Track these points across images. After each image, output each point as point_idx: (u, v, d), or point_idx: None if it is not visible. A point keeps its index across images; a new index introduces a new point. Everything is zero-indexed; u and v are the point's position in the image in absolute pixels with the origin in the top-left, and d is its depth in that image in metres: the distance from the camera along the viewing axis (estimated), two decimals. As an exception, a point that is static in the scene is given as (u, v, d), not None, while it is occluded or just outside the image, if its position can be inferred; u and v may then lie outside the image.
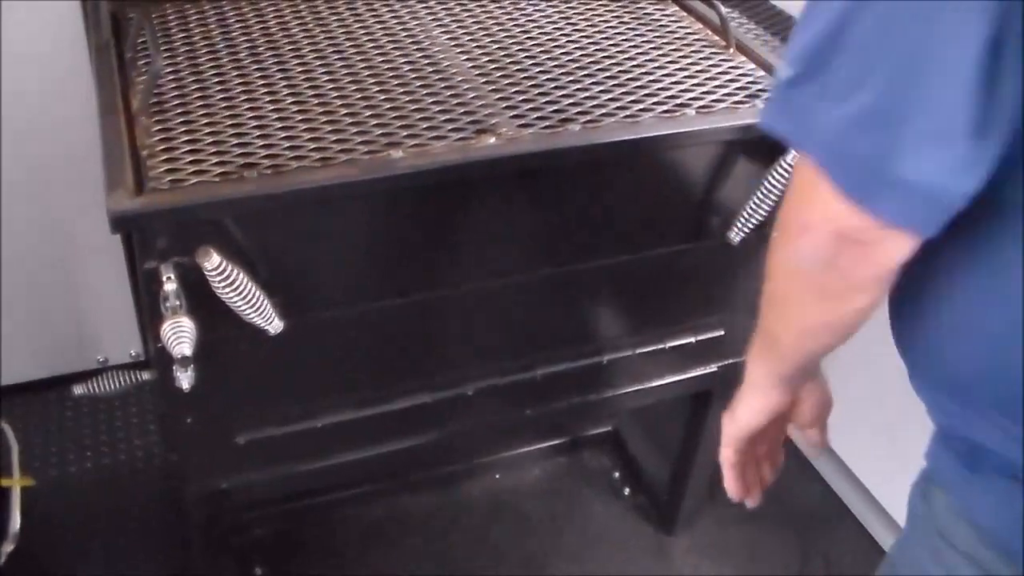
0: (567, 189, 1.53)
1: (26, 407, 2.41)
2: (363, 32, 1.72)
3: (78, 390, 1.59)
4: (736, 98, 1.59)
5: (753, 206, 1.58)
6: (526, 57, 1.66)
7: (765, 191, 1.57)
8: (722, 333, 1.82)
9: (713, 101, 1.57)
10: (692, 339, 1.80)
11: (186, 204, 1.26)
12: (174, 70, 1.58)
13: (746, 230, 1.61)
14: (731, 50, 1.76)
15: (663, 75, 1.64)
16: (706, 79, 1.64)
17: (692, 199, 1.63)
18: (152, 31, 1.68)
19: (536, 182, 1.50)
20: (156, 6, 1.79)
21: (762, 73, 1.68)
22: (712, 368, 1.87)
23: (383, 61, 1.62)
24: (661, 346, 1.78)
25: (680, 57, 1.71)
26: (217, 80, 1.55)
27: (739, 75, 1.67)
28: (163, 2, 1.81)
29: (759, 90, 1.62)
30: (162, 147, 1.37)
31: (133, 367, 1.62)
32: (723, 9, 1.80)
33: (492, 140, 1.41)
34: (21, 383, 2.39)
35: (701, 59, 1.72)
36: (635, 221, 1.62)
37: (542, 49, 1.69)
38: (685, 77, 1.64)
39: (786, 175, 1.55)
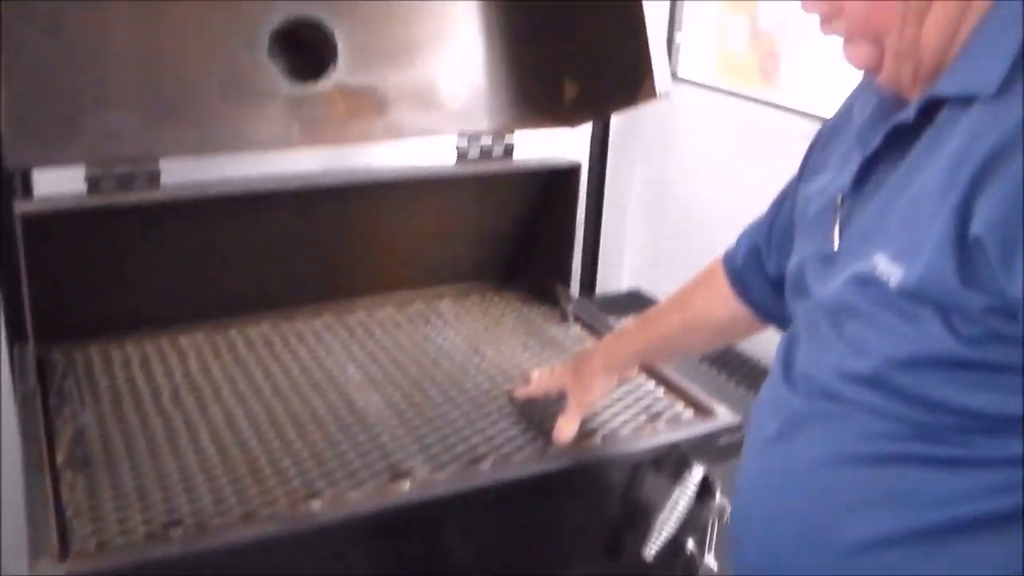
0: (483, 523, 1.57)
1: None
2: (281, 372, 1.80)
3: None
4: (641, 419, 1.68)
5: (663, 520, 1.65)
6: (438, 393, 1.74)
7: (672, 505, 1.64)
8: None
9: (619, 425, 1.66)
10: (614, 655, 1.82)
11: (111, 570, 1.29)
12: (99, 416, 1.63)
13: (659, 544, 1.67)
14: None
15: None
16: (613, 400, 1.73)
17: (606, 519, 1.68)
18: (77, 380, 1.74)
19: (455, 517, 1.54)
20: (80, 349, 1.85)
21: (663, 391, 1.78)
22: None
23: (300, 403, 1.69)
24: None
25: (585, 381, 1.80)
26: (142, 427, 1.60)
27: (642, 394, 1.77)
28: (88, 344, 1.87)
29: (662, 408, 1.71)
30: (87, 504, 1.40)
31: None
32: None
33: (407, 486, 1.47)
34: None
35: (605, 381, 1.81)
36: (553, 543, 1.66)
37: (452, 382, 1.78)
38: (590, 403, 1.73)
39: (692, 487, 1.63)
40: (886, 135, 1.01)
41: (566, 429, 1.57)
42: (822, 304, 1.05)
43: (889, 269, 0.93)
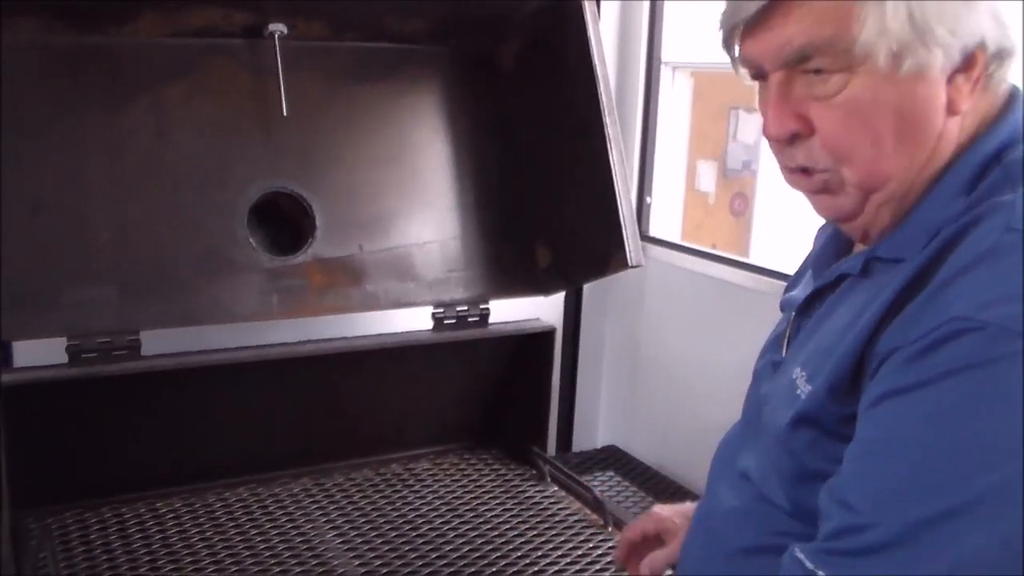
0: None
1: None
2: (259, 536, 1.80)
3: None
4: (615, 579, 1.69)
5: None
6: (416, 557, 1.75)
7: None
8: None
9: (594, 584, 1.67)
10: None
11: None
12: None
13: None
14: (609, 528, 1.87)
15: (547, 563, 1.74)
16: (587, 563, 1.74)
17: None
18: (52, 549, 1.73)
19: None
20: (56, 516, 1.85)
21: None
22: None
23: (280, 569, 1.69)
24: None
25: (562, 542, 1.82)
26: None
27: (618, 554, 1.78)
28: (63, 511, 1.86)
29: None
30: None
31: None
32: (597, 491, 1.94)
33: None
34: None
35: (581, 541, 1.83)
36: None
37: (432, 547, 1.79)
38: (568, 564, 1.74)
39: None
40: (835, 276, 1.07)
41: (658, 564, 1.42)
42: (764, 399, 1.11)
43: (802, 384, 1.01)
